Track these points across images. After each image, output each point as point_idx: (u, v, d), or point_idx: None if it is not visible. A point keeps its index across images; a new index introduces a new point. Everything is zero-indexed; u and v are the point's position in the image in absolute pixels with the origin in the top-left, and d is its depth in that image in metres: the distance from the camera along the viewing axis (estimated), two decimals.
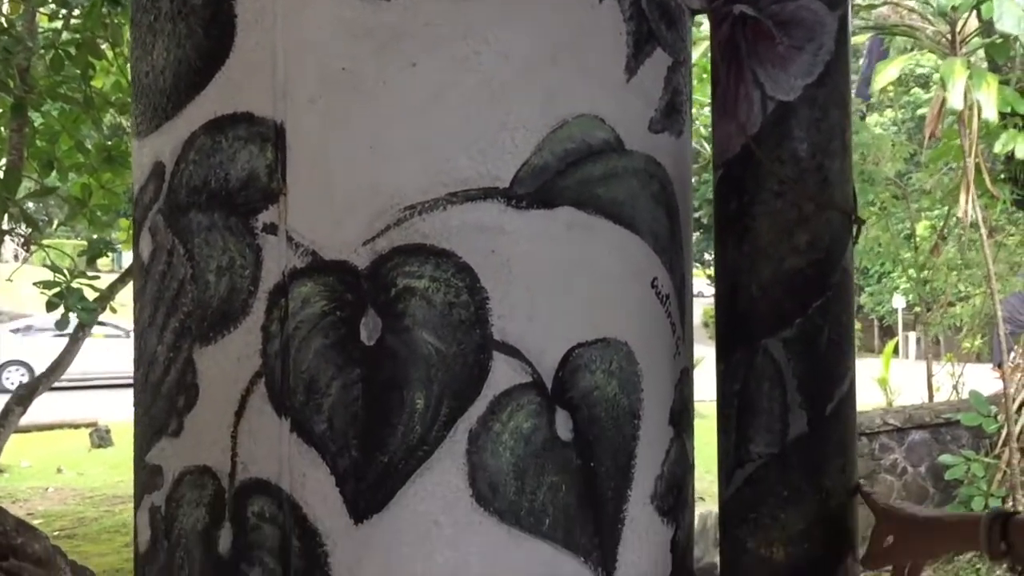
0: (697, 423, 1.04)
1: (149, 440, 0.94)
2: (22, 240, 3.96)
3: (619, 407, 0.90)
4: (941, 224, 6.09)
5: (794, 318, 0.95)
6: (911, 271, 6.74)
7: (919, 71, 11.42)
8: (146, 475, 0.95)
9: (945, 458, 4.42)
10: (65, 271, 3.15)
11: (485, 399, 0.83)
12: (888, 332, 14.59)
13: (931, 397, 6.13)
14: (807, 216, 0.95)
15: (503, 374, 0.84)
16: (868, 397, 6.72)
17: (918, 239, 6.38)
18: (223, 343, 0.87)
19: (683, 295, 0.99)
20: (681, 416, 0.99)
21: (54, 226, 6.00)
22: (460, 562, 0.83)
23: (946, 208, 5.69)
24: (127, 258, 7.43)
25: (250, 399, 0.85)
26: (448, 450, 0.83)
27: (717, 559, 1.03)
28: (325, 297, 0.83)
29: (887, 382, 7.49)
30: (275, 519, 0.84)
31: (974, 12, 3.73)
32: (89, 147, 3.53)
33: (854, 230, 0.98)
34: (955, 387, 6.12)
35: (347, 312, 0.83)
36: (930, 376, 6.22)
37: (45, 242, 3.62)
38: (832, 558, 0.95)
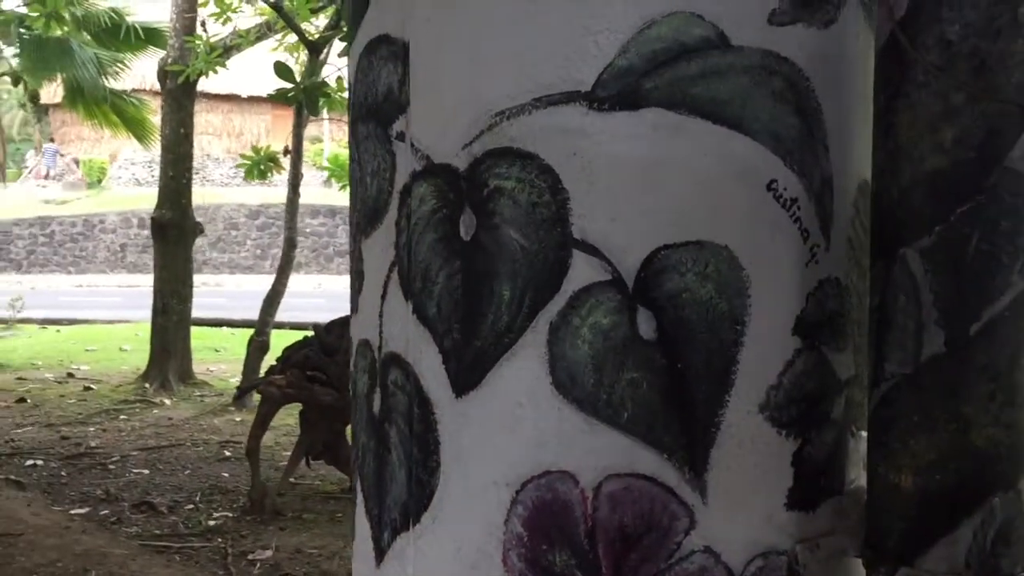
0: None
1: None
2: None
3: (715, 311, 0.89)
4: None
5: (934, 225, 0.84)
6: None
7: None
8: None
9: None
10: None
11: (565, 294, 0.88)
12: None
13: None
14: (955, 108, 0.83)
15: (582, 271, 0.88)
16: None
17: None
18: (375, 236, 1.02)
19: (829, 199, 0.93)
20: (820, 327, 0.93)
21: None
22: (540, 441, 0.90)
23: None
24: None
25: (389, 284, 1.00)
26: (531, 339, 0.90)
27: None
28: (435, 196, 0.94)
29: None
30: (404, 388, 0.98)
31: None
32: None
33: None
34: None
35: (450, 210, 0.93)
36: None
37: None
38: (970, 494, 0.85)
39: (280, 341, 6.86)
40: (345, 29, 5.20)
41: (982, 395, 0.84)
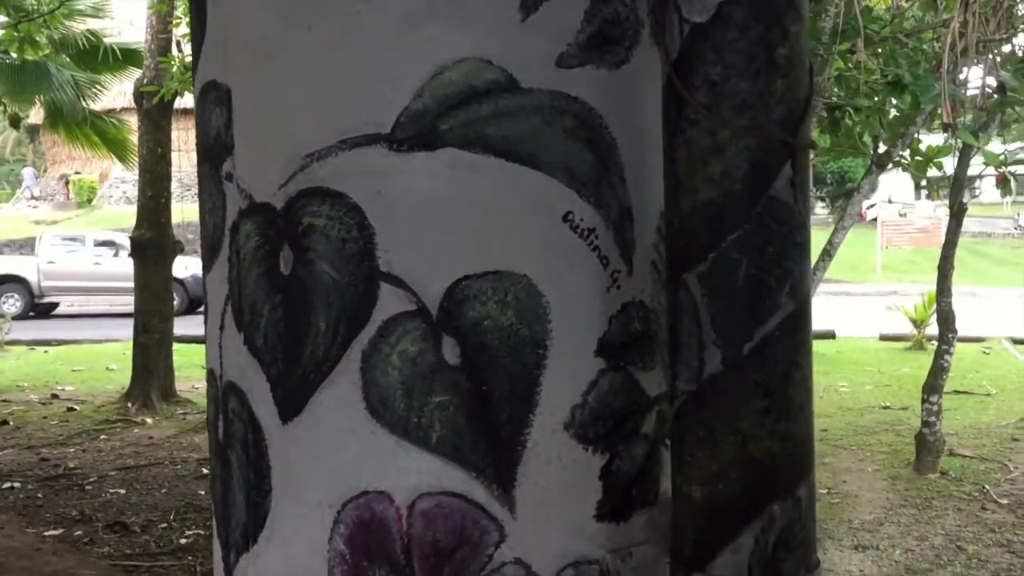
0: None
1: None
2: None
3: (516, 336, 0.94)
4: None
5: (708, 252, 0.90)
6: None
7: None
8: None
9: None
10: None
11: (375, 324, 0.94)
12: None
13: None
14: (722, 144, 0.88)
15: (389, 302, 0.94)
16: None
17: None
18: (214, 270, 1.07)
19: (629, 227, 0.99)
20: (625, 348, 0.99)
21: None
22: (358, 463, 0.96)
23: None
24: None
25: (225, 316, 1.05)
26: (345, 367, 0.95)
27: None
28: (257, 233, 0.99)
29: None
30: (240, 415, 1.04)
31: None
32: None
33: (800, 154, 0.89)
34: None
35: (271, 246, 0.98)
36: None
37: None
38: (749, 503, 0.90)
39: None
40: None
41: (757, 410, 0.90)
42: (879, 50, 4.08)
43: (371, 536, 0.96)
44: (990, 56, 3.56)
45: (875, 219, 24.17)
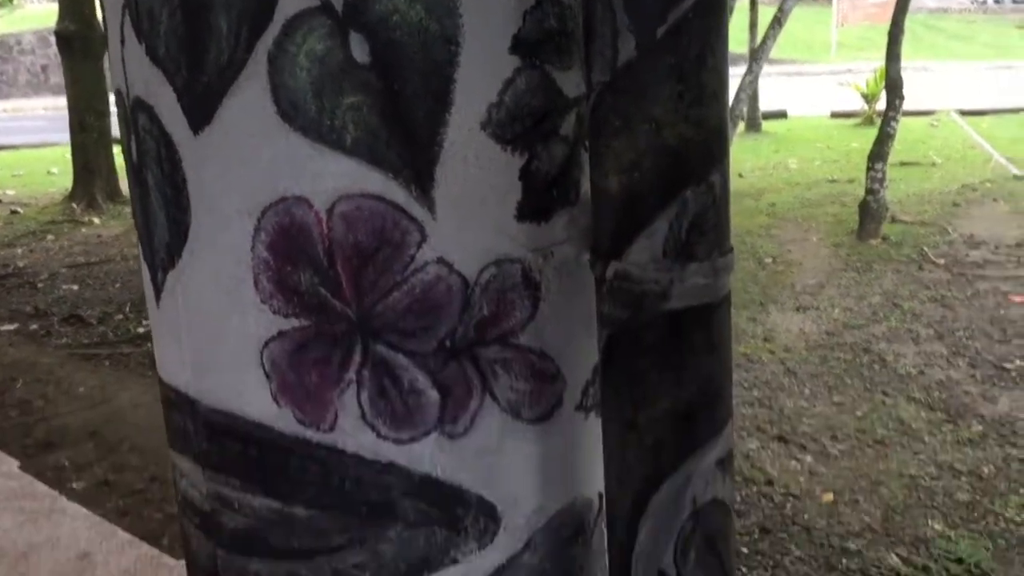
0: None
1: None
2: None
3: (427, 32, 0.91)
4: None
5: None
6: None
7: None
8: None
9: None
10: None
11: (278, 23, 0.90)
12: None
13: None
14: None
15: None
16: None
17: None
18: None
19: None
20: (541, 46, 0.97)
21: None
22: (274, 170, 0.95)
23: None
24: None
25: (125, 29, 1.01)
26: (253, 71, 0.92)
27: None
28: None
29: None
30: (151, 132, 1.01)
31: None
32: None
33: None
34: None
35: None
36: None
37: None
38: (664, 190, 0.92)
39: None
40: None
41: (671, 95, 0.89)
42: None
43: (293, 241, 0.96)
44: None
45: None
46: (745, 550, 3.22)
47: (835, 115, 14.43)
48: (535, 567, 1.09)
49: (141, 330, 5.08)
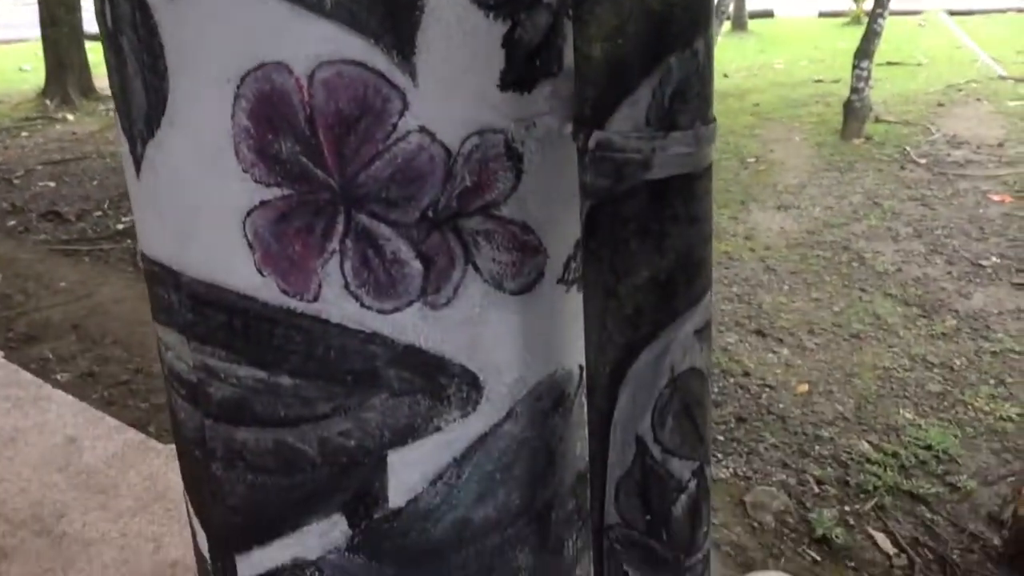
0: None
1: None
2: None
3: None
4: None
5: None
6: None
7: None
8: None
9: None
10: None
11: None
12: None
13: None
14: None
15: None
16: None
17: None
18: None
19: None
20: None
21: None
22: (252, 35, 0.93)
23: None
24: None
25: None
26: None
27: None
28: None
29: None
30: None
31: None
32: None
33: None
34: None
35: None
36: None
37: None
38: (647, 57, 0.91)
39: None
40: None
41: None
42: None
43: (273, 108, 0.95)
44: None
45: None
46: (721, 438, 3.31)
47: (823, 14, 14.22)
48: (516, 435, 1.12)
49: (121, 227, 5.05)
